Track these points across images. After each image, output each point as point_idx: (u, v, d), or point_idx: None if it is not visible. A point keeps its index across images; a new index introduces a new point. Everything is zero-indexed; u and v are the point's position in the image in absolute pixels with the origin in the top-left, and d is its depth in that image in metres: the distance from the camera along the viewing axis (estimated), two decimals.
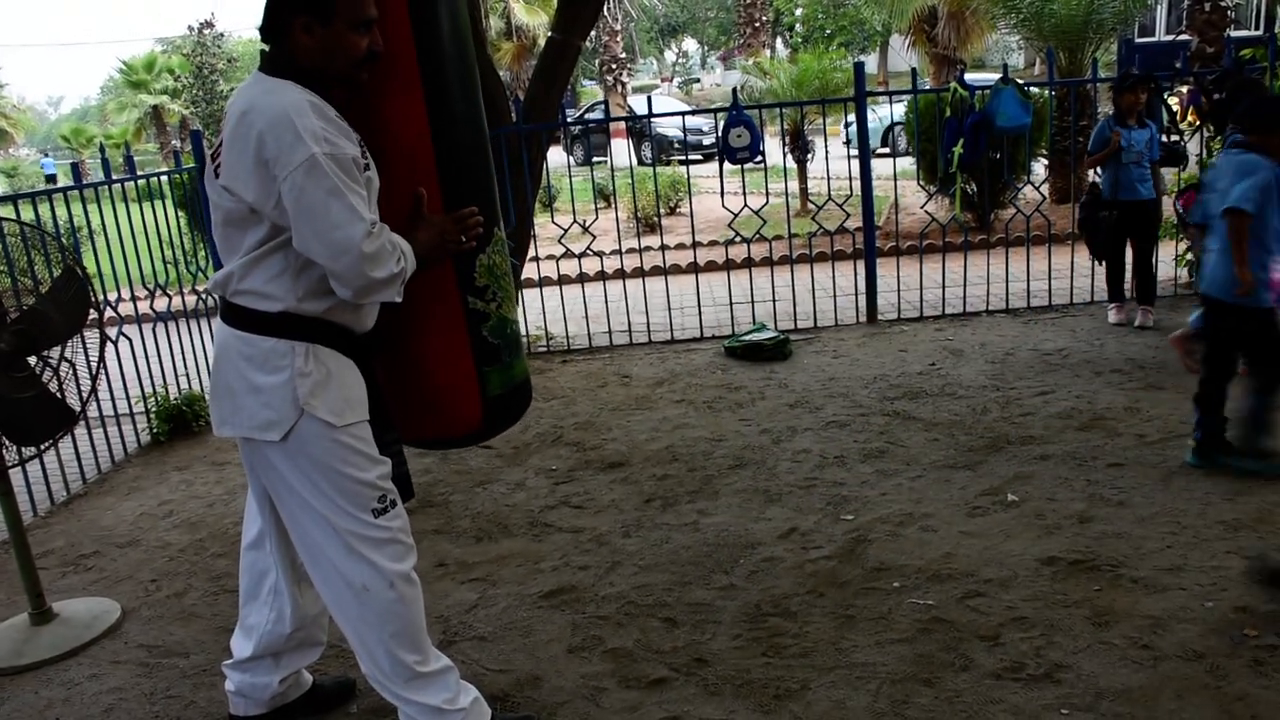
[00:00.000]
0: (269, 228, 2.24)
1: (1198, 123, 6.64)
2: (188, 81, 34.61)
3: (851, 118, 7.44)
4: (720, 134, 6.56)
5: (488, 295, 2.50)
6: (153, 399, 5.79)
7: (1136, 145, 5.91)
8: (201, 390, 6.05)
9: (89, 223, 5.75)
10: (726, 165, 6.79)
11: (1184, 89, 7.16)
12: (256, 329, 2.32)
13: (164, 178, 6.80)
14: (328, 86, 2.29)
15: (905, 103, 10.48)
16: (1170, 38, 15.34)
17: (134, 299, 5.90)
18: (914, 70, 7.32)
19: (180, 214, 7.09)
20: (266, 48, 2.33)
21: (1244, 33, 14.50)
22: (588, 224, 6.80)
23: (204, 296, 6.44)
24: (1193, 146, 6.62)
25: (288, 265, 2.28)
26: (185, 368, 6.12)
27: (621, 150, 15.67)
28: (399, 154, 2.37)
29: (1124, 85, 6.01)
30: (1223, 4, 11.46)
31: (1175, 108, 6.61)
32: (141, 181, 6.06)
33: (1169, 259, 6.85)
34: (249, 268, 2.30)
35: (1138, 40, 16.26)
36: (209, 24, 34.63)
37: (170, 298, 6.18)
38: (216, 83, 33.74)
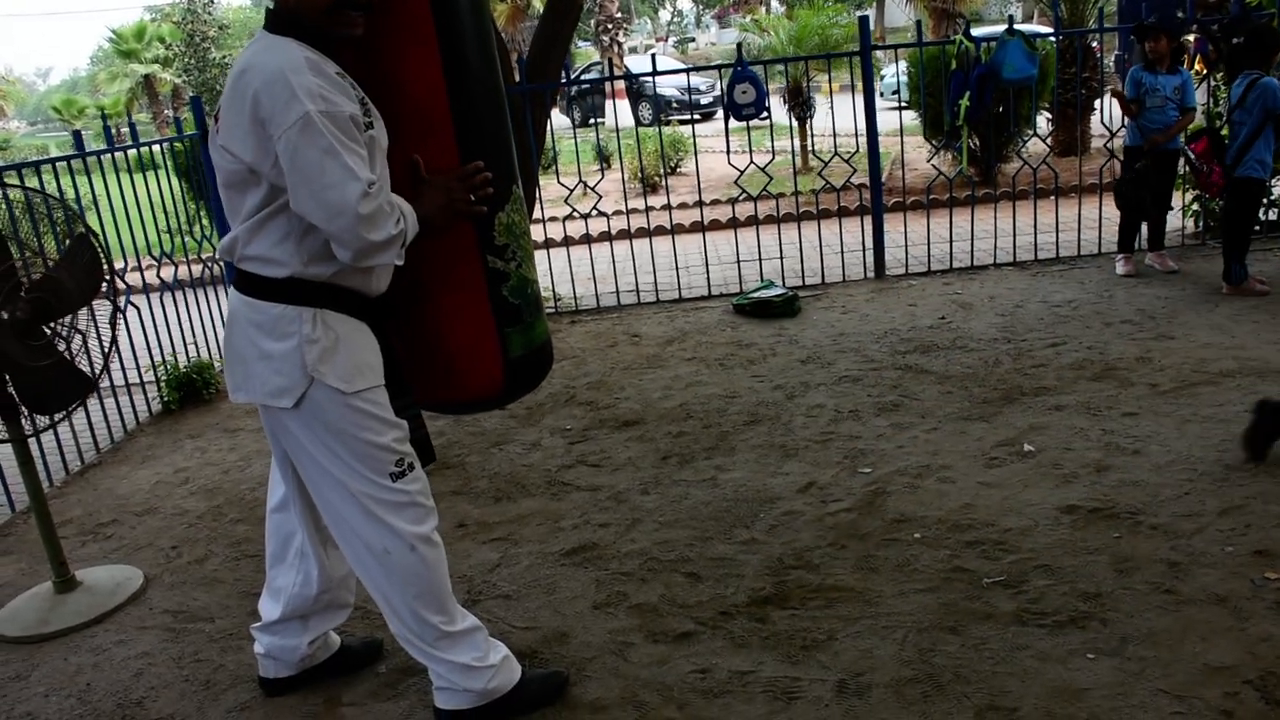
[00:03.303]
0: (268, 189, 2.21)
1: (1204, 71, 6.59)
2: (179, 50, 34.22)
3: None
4: (725, 90, 6.51)
5: (507, 254, 2.48)
6: (163, 368, 5.78)
7: (1163, 90, 5.89)
8: (210, 358, 6.05)
9: (93, 192, 5.70)
10: (731, 123, 6.74)
11: (1191, 38, 7.09)
12: (264, 295, 2.30)
13: (164, 146, 6.77)
14: (331, 43, 2.25)
15: (906, 59, 10.36)
16: None
17: (140, 268, 5.87)
18: (919, 23, 7.25)
19: (181, 182, 7.07)
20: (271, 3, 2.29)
21: None
22: (593, 185, 6.77)
23: (210, 265, 6.43)
24: (1200, 94, 6.57)
25: (291, 229, 2.25)
26: (194, 336, 6.12)
27: (620, 111, 15.57)
28: (414, 112, 2.34)
29: (1143, 34, 5.98)
30: None
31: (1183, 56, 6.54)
32: (142, 150, 6.01)
33: (1177, 209, 6.82)
34: (253, 232, 2.27)
35: None
36: None
37: (176, 266, 6.16)
38: (209, 50, 33.35)
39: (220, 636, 3.22)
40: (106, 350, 3.73)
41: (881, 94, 7.62)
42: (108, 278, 3.69)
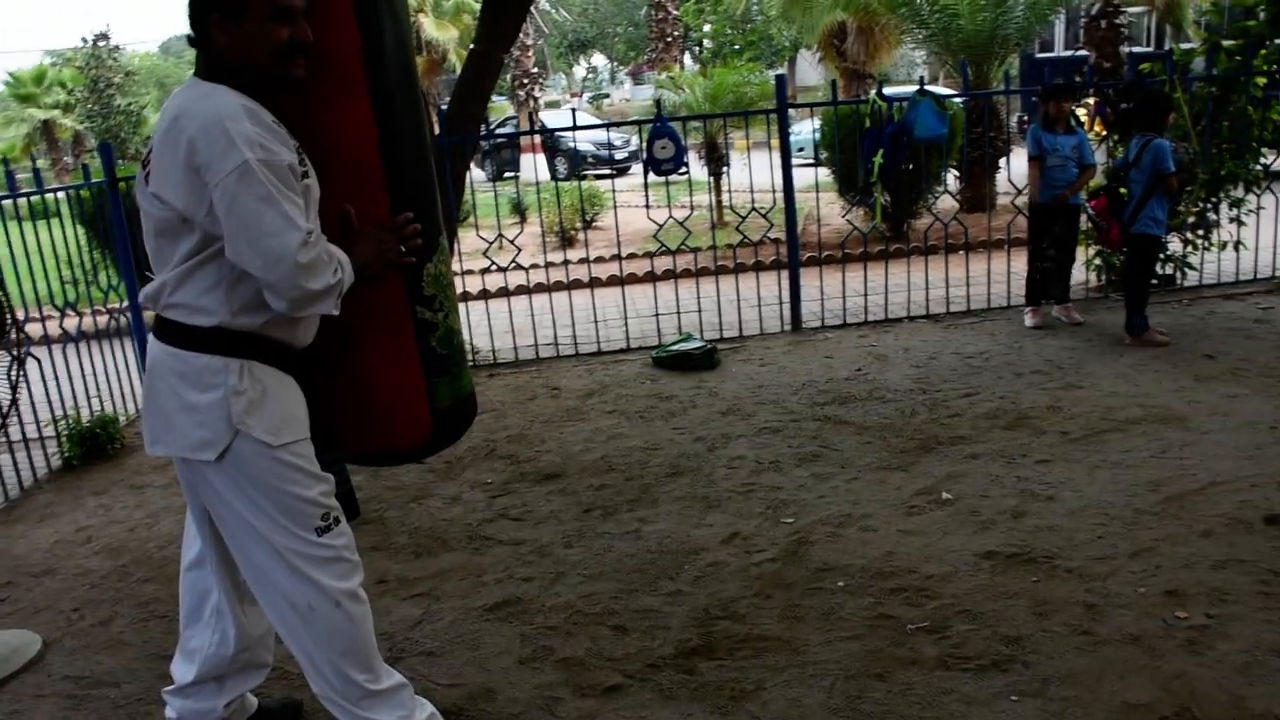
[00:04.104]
0: (201, 237, 2.17)
1: (1104, 133, 6.90)
2: (81, 95, 33.44)
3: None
4: (645, 146, 6.59)
5: (435, 305, 2.47)
6: (64, 422, 5.57)
7: (1063, 149, 6.13)
8: (115, 412, 5.85)
9: None
10: (650, 177, 6.81)
11: (1090, 101, 7.42)
12: (189, 345, 2.24)
13: (69, 193, 6.59)
14: (265, 91, 2.24)
15: (821, 117, 10.64)
16: (1069, 53, 15.91)
17: (43, 318, 5.68)
18: (834, 83, 7.46)
19: (82, 231, 6.87)
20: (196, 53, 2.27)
21: (1138, 49, 15.10)
22: (511, 239, 6.77)
23: (116, 316, 6.25)
24: (1100, 155, 6.86)
25: (221, 277, 2.20)
26: (98, 389, 5.92)
27: (534, 165, 15.64)
28: (346, 162, 2.33)
29: (1049, 94, 6.23)
30: (1117, 22, 11.93)
31: (1083, 119, 6.84)
32: (37, 198, 5.84)
33: (1080, 263, 7.07)
34: (181, 280, 2.22)
35: (1039, 55, 16.81)
36: (104, 36, 33.54)
37: (80, 317, 5.97)
38: (113, 97, 32.67)
39: (127, 703, 3.08)
40: (6, 405, 3.59)
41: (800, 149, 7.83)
42: (10, 330, 3.56)
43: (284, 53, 2.19)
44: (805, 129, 14.93)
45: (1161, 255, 6.60)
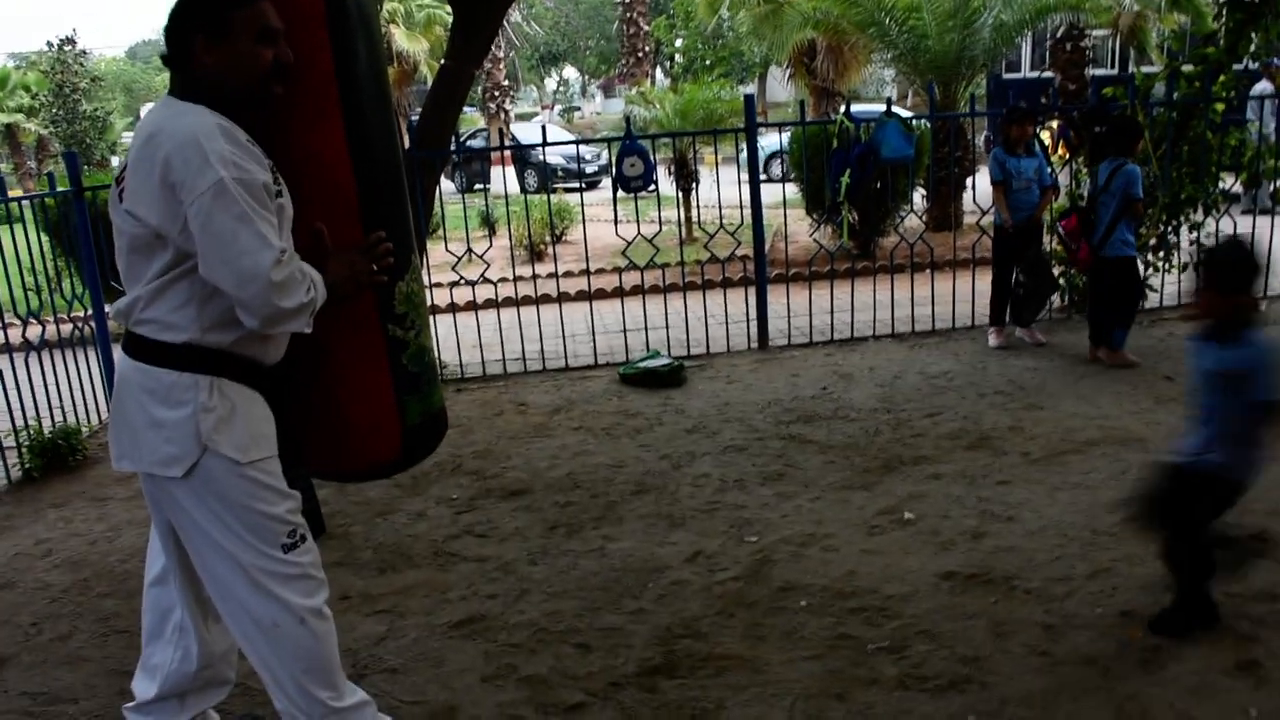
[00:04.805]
0: (174, 254, 2.19)
1: (1067, 156, 7.01)
2: (46, 100, 33.07)
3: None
4: (615, 163, 6.63)
5: (407, 323, 2.49)
6: (25, 432, 5.51)
7: (1026, 173, 6.22)
8: (78, 423, 5.79)
9: None
10: (619, 193, 6.85)
11: (1054, 124, 7.54)
12: (159, 361, 2.25)
13: (33, 201, 6.54)
14: (240, 109, 2.25)
15: (790, 133, 10.73)
16: (1035, 74, 16.15)
17: (4, 326, 5.62)
18: (802, 103, 7.54)
19: (50, 239, 6.81)
20: (170, 73, 2.28)
21: (1102, 71, 15.36)
22: (480, 253, 6.78)
23: (80, 325, 6.19)
24: (1063, 178, 6.98)
25: (193, 294, 2.22)
26: (61, 399, 5.86)
27: (504, 178, 15.67)
28: (319, 182, 2.34)
29: (1012, 118, 6.32)
30: (1082, 45, 12.13)
31: (1046, 141, 6.94)
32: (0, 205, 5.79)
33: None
34: (153, 296, 2.24)
35: (1005, 76, 17.06)
36: (70, 40, 33.21)
37: (44, 325, 5.91)
38: (79, 102, 32.34)
39: (86, 719, 3.06)
40: None
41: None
42: None
43: (267, 74, 2.23)
44: (767, 143, 15.06)
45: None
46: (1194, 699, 2.70)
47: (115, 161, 28.28)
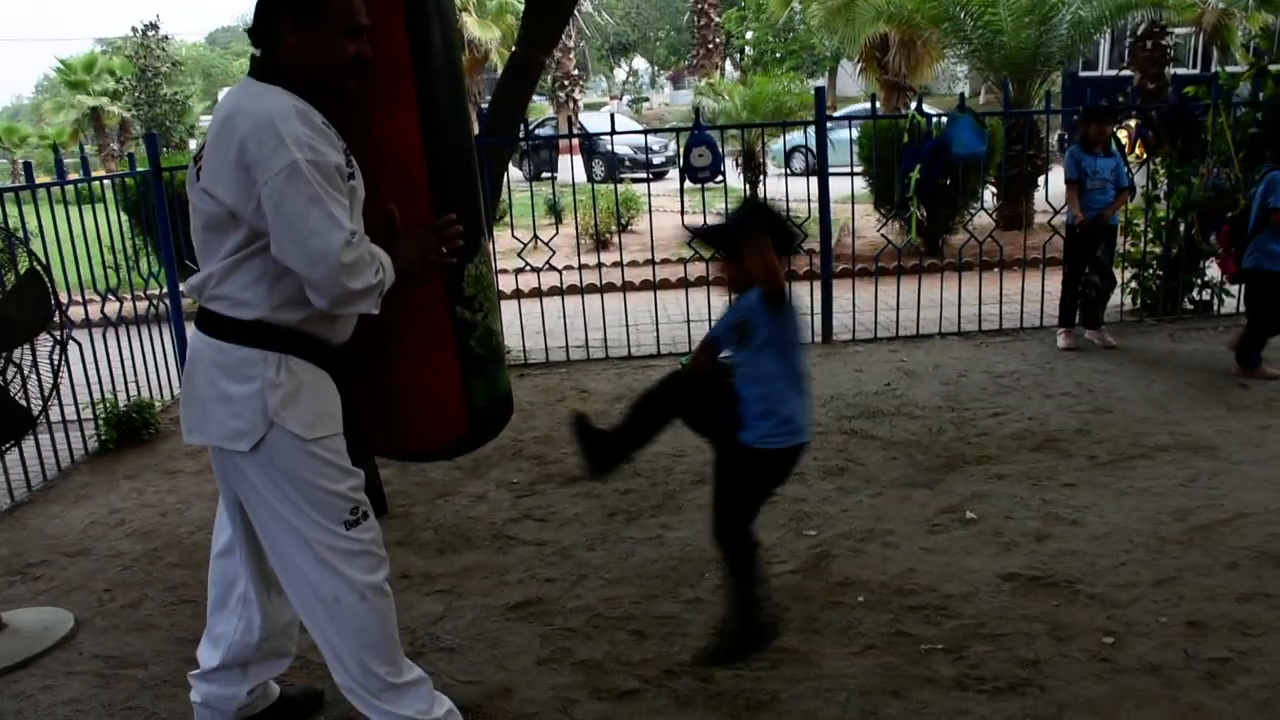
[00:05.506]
0: (247, 232, 2.23)
1: (1144, 156, 6.84)
2: (129, 84, 33.92)
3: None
4: (683, 153, 6.62)
5: (475, 305, 2.51)
6: (101, 406, 5.67)
7: (1102, 173, 6.08)
8: (151, 397, 5.95)
9: (39, 222, 5.61)
10: (685, 183, 6.83)
11: (1131, 123, 7.37)
12: (229, 336, 2.30)
13: (114, 180, 6.71)
14: (316, 94, 2.29)
15: (860, 126, 10.62)
16: (1114, 73, 15.79)
17: (85, 302, 5.78)
18: (874, 96, 7.45)
19: (125, 218, 6.98)
20: (256, 52, 2.32)
21: (1183, 70, 14.96)
22: (545, 240, 6.81)
23: (155, 303, 6.35)
24: (1139, 179, 6.82)
25: (265, 272, 2.26)
26: (135, 374, 6.02)
27: (571, 167, 15.74)
28: (391, 165, 2.38)
29: (1091, 116, 6.18)
30: (1163, 43, 11.82)
31: (1124, 141, 6.79)
32: (84, 184, 5.95)
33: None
34: (226, 272, 2.28)
35: (1082, 74, 16.70)
36: (153, 26, 34.01)
37: (121, 302, 6.07)
38: (160, 86, 33.13)
39: (154, 684, 3.15)
40: (50, 387, 3.67)
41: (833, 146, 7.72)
42: (55, 315, 3.63)
43: (346, 67, 2.27)
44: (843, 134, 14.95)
45: (1199, 281, 6.51)
46: (1263, 714, 2.63)
47: (193, 144, 28.96)
